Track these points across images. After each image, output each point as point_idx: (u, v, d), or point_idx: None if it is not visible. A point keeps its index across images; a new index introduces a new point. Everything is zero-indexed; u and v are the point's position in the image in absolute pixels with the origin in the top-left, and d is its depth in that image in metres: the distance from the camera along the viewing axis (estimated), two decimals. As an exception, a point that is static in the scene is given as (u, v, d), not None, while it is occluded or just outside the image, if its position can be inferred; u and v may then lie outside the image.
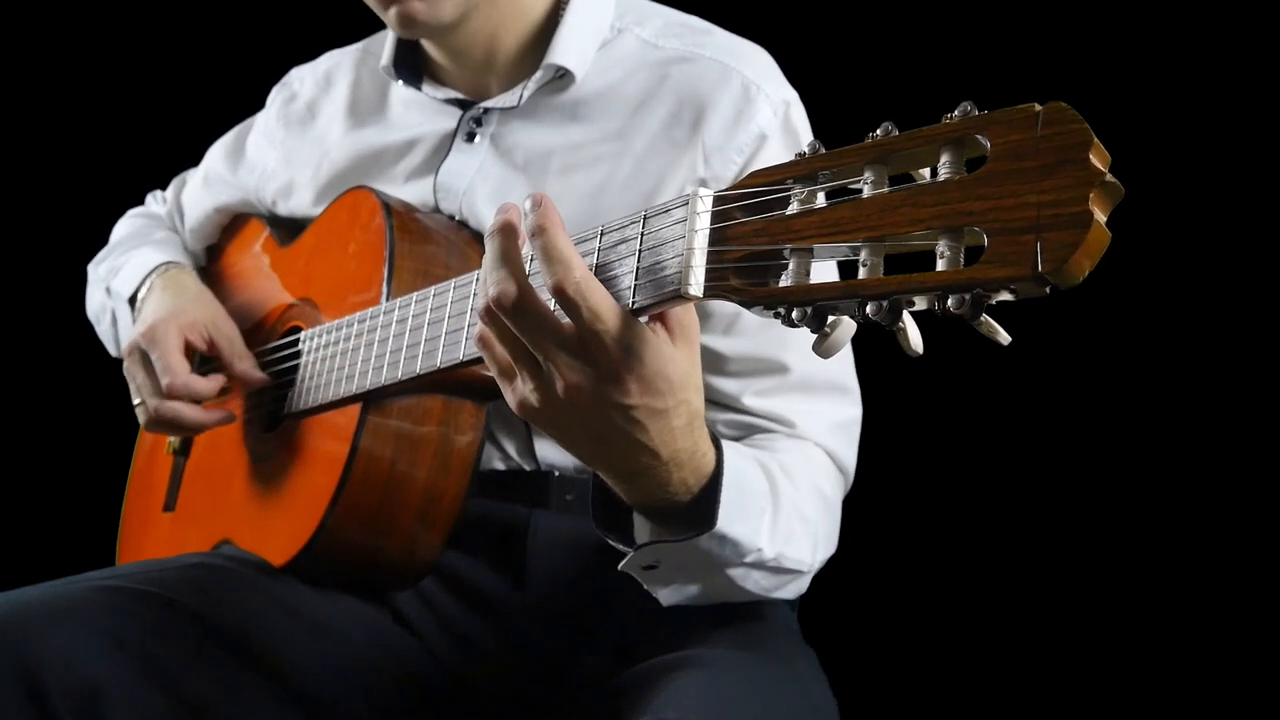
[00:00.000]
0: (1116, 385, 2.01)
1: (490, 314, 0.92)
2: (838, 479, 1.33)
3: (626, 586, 1.36)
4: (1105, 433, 2.02)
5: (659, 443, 0.96)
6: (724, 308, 1.29)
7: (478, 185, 1.40)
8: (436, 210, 1.42)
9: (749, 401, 1.31)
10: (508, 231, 0.92)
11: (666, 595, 1.17)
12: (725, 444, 1.06)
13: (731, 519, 1.06)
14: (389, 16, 1.35)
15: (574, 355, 0.91)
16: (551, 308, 0.91)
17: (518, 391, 0.96)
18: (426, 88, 1.46)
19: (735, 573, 1.14)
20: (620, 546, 1.09)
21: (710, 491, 1.04)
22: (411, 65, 1.48)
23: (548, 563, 1.38)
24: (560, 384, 0.92)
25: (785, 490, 1.19)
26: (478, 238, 1.39)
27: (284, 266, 1.57)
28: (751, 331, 1.30)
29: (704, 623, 1.29)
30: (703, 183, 1.31)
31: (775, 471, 1.20)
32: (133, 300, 1.63)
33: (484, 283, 0.92)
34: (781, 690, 1.22)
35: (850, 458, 1.35)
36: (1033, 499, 2.05)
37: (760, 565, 1.15)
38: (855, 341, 1.28)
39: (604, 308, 0.89)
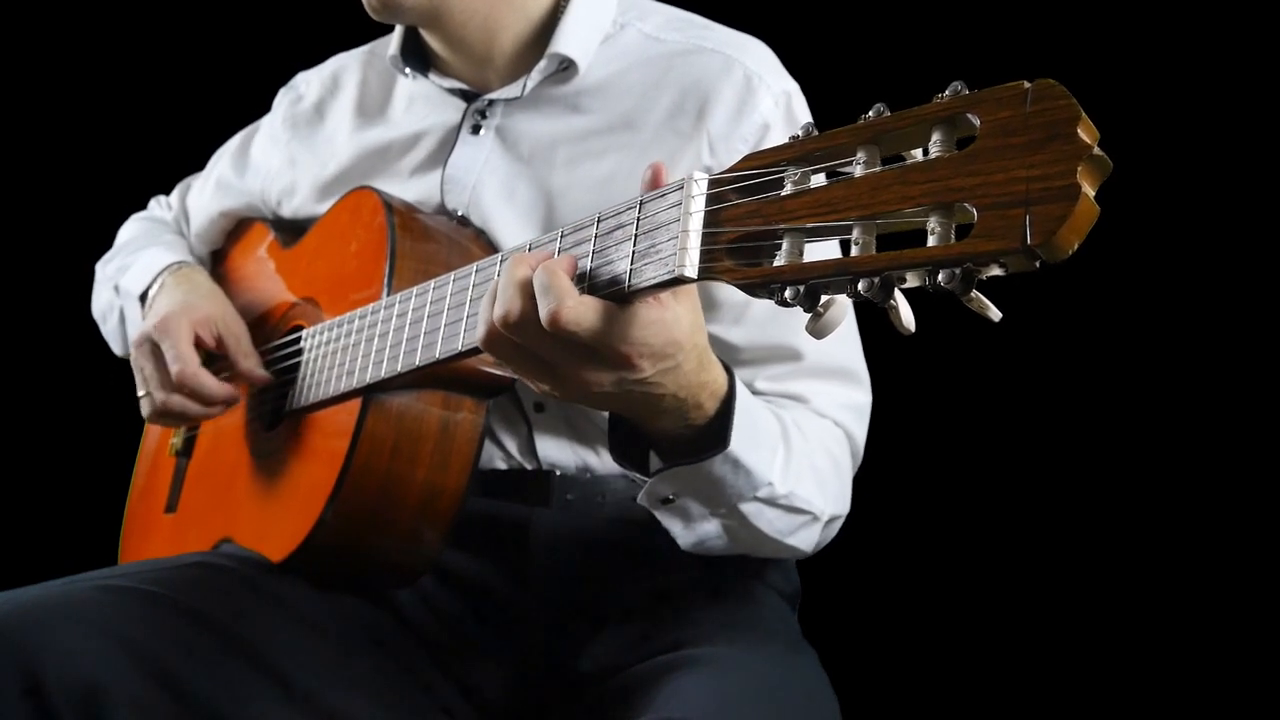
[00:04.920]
0: (1109, 367, 2.00)
1: (495, 334, 0.98)
2: (847, 447, 1.35)
3: (627, 587, 1.37)
4: (1103, 420, 2.01)
5: (677, 387, 1.03)
6: (732, 298, 1.30)
7: (485, 179, 1.41)
8: (443, 204, 1.43)
9: (762, 385, 1.33)
10: (521, 258, 0.98)
11: (684, 535, 1.20)
12: (739, 381, 1.11)
13: (744, 445, 1.11)
14: None
15: (585, 360, 0.96)
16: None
17: (537, 388, 1.02)
18: (433, 76, 1.48)
19: (749, 508, 1.17)
20: (638, 477, 1.14)
21: (724, 412, 1.09)
22: (419, 57, 1.49)
23: (548, 562, 1.38)
24: (576, 383, 0.98)
25: (796, 439, 1.23)
26: (479, 235, 1.40)
27: (287, 268, 1.58)
28: (761, 320, 1.32)
29: (705, 622, 1.29)
30: (708, 170, 1.32)
31: (788, 422, 1.24)
32: (143, 297, 1.64)
33: (495, 302, 0.97)
34: (782, 689, 1.22)
35: (860, 436, 1.37)
36: (1033, 494, 2.05)
37: (773, 502, 1.18)
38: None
39: (598, 322, 0.93)
